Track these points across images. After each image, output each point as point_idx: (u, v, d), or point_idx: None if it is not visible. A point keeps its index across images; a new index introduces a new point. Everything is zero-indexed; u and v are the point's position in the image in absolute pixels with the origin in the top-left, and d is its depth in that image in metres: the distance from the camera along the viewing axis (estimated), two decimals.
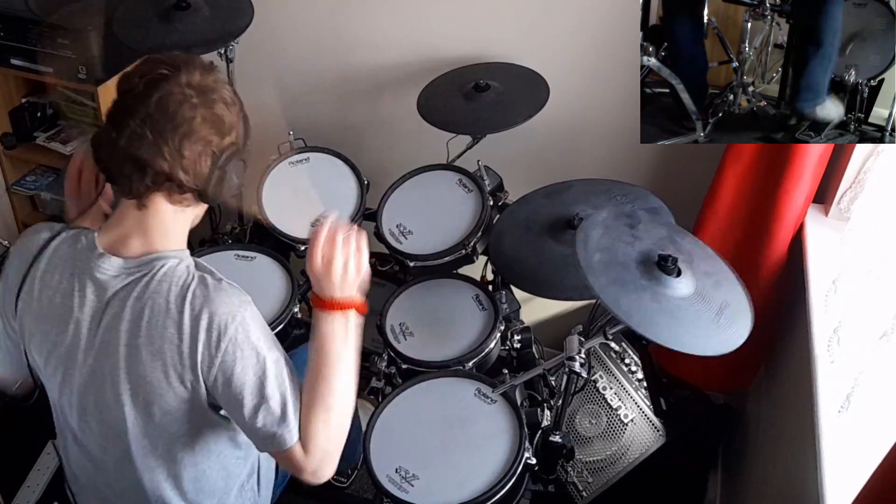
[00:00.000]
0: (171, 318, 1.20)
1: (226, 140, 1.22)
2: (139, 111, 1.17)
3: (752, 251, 1.85)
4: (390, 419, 1.63)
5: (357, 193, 2.03)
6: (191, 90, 1.18)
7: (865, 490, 1.08)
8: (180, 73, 1.18)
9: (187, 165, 1.19)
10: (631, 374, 2.13)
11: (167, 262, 1.23)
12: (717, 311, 1.34)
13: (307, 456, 1.23)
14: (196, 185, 1.22)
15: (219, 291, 1.22)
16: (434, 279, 1.94)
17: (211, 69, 1.24)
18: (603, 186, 1.80)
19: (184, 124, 1.17)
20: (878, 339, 1.45)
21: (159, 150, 1.17)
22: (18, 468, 2.15)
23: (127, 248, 1.24)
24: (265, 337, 1.24)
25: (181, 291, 1.21)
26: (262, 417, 1.20)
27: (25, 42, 2.22)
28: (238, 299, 1.23)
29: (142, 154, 1.17)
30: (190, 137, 1.18)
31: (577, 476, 2.10)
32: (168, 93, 1.17)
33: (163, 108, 1.16)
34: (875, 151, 1.71)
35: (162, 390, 1.23)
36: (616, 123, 2.12)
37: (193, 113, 1.18)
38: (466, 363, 1.74)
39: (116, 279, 1.23)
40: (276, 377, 1.22)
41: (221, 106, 1.21)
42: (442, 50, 2.17)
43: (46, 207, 2.68)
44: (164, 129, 1.17)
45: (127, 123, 1.17)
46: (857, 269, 1.65)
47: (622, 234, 1.45)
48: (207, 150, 1.20)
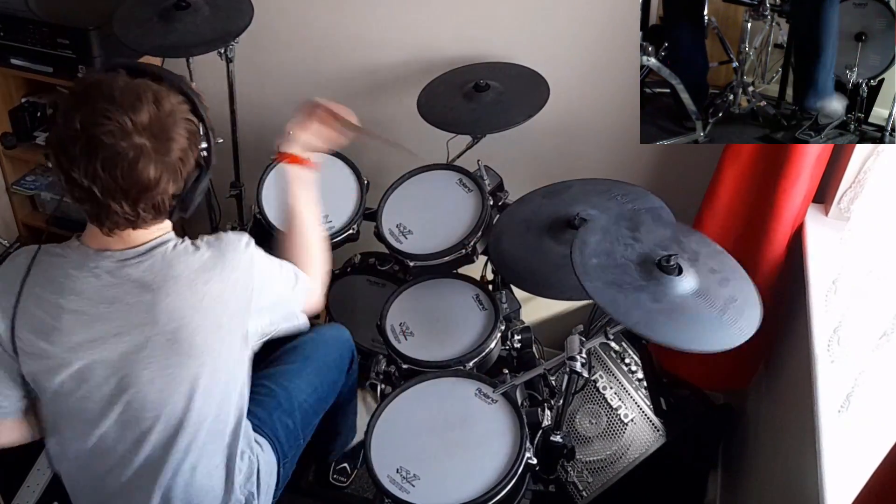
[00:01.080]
0: (203, 271, 1.24)
1: (185, 177, 1.20)
2: (83, 165, 1.11)
3: (751, 251, 1.85)
4: (391, 419, 1.63)
5: (357, 193, 2.04)
6: (141, 138, 1.11)
7: (865, 490, 1.08)
8: (126, 116, 1.09)
9: (146, 214, 1.19)
10: (631, 374, 2.13)
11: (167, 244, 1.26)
12: (722, 308, 1.34)
13: (319, 285, 1.51)
14: (161, 219, 1.24)
15: (217, 235, 1.31)
16: (434, 279, 1.94)
17: (161, 98, 1.14)
18: (603, 186, 1.80)
19: (138, 185, 1.13)
20: (878, 339, 1.45)
21: (112, 208, 1.15)
22: (18, 468, 2.15)
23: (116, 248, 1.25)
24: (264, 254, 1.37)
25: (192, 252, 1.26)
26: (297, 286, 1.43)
27: (25, 42, 2.22)
28: (235, 234, 1.32)
29: (94, 206, 1.15)
30: (146, 193, 1.15)
31: (577, 476, 2.10)
32: (115, 153, 1.09)
33: (111, 170, 1.10)
34: (875, 151, 1.71)
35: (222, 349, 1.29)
36: (616, 123, 2.12)
37: (148, 168, 1.12)
38: (467, 363, 1.74)
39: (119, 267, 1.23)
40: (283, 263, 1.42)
41: (178, 147, 1.16)
42: (442, 50, 2.17)
43: (46, 207, 2.68)
44: (115, 192, 1.13)
45: (75, 175, 1.11)
46: (857, 269, 1.65)
47: (622, 237, 1.45)
48: (166, 195, 1.19)
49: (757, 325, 1.32)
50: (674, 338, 1.30)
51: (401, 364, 1.78)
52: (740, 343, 1.30)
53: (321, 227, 1.59)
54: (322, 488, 2.19)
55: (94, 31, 2.16)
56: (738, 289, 1.39)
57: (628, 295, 1.34)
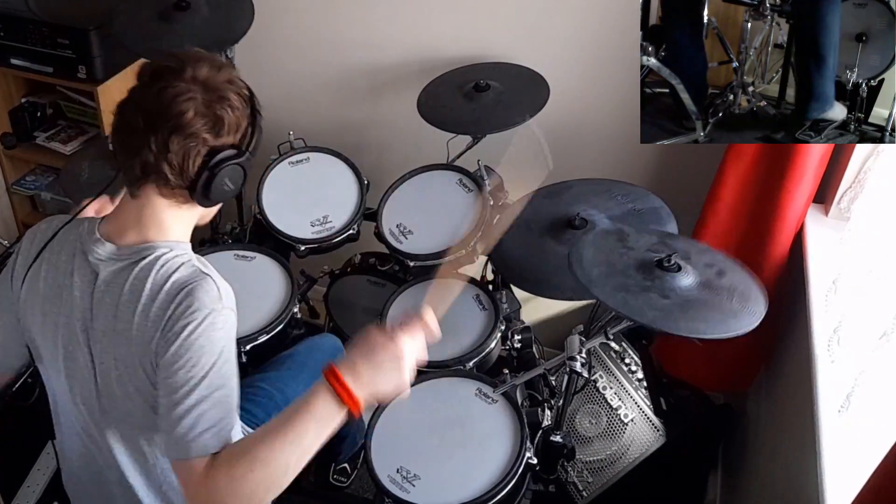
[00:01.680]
0: (146, 299, 1.17)
1: (222, 140, 1.19)
2: (138, 100, 1.17)
3: (752, 251, 1.85)
4: (391, 419, 1.63)
5: (357, 193, 2.04)
6: (195, 85, 1.16)
7: (866, 490, 1.08)
8: (187, 66, 1.17)
9: (172, 160, 1.16)
10: (631, 374, 2.13)
11: (156, 251, 1.21)
12: (728, 295, 1.36)
13: (203, 484, 1.08)
14: (183, 182, 1.19)
15: (204, 281, 1.17)
16: (434, 279, 1.94)
17: (224, 67, 1.21)
18: (603, 186, 1.80)
19: (175, 117, 1.14)
20: (878, 339, 1.45)
21: (146, 141, 1.15)
22: (18, 468, 2.15)
23: (123, 238, 1.23)
24: (219, 348, 1.14)
25: (164, 276, 1.18)
26: (173, 417, 1.11)
27: (25, 42, 2.22)
28: (216, 297, 1.17)
29: (133, 142, 1.16)
30: (179, 132, 1.15)
31: (577, 476, 2.10)
32: (168, 84, 1.15)
33: (159, 99, 1.15)
34: (875, 151, 1.71)
35: (136, 379, 1.20)
36: (616, 123, 2.12)
37: (188, 107, 1.15)
38: (467, 363, 1.74)
39: (106, 264, 1.22)
40: (202, 391, 1.11)
41: (223, 106, 1.18)
42: (442, 50, 2.17)
43: (46, 207, 2.68)
44: (155, 120, 1.15)
45: (127, 110, 1.17)
46: (857, 269, 1.65)
47: (614, 248, 1.48)
48: (198, 149, 1.17)
49: (765, 306, 1.34)
50: (695, 328, 1.31)
51: None
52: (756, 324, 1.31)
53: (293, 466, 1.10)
54: (322, 488, 2.18)
55: (94, 31, 2.16)
56: (736, 279, 1.41)
57: (637, 296, 1.36)
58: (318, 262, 2.06)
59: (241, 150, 1.22)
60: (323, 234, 1.96)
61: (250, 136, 1.24)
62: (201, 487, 1.08)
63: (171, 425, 1.11)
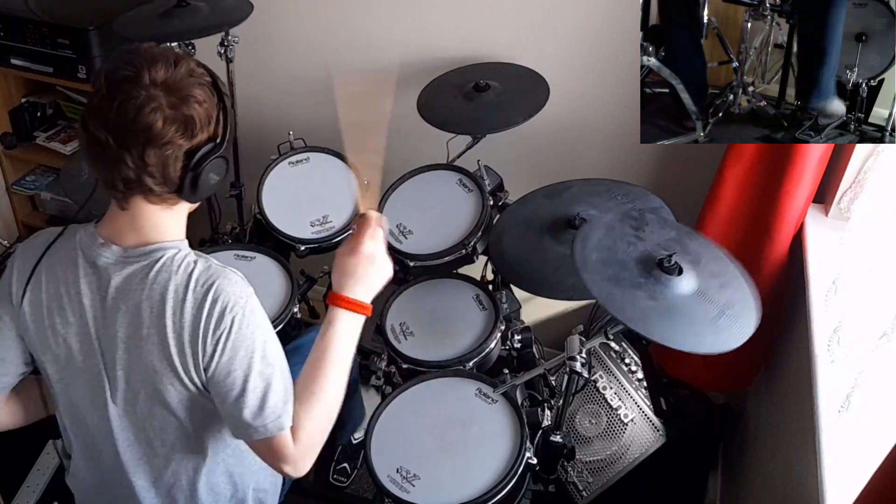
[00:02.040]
0: (174, 301, 1.19)
1: (197, 139, 1.17)
2: (101, 116, 1.13)
3: (752, 251, 1.85)
4: (391, 419, 1.63)
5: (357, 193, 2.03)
6: (156, 90, 1.13)
7: (866, 490, 1.08)
8: (143, 71, 1.13)
9: (153, 172, 1.15)
10: (631, 374, 2.14)
11: (167, 253, 1.22)
12: (719, 312, 1.34)
13: (295, 444, 1.21)
14: (168, 188, 1.18)
15: (225, 274, 1.22)
16: (434, 279, 1.94)
17: (180, 61, 1.17)
18: (603, 186, 1.80)
19: (145, 130, 1.12)
20: (878, 339, 1.45)
21: (121, 158, 1.13)
22: (18, 468, 2.15)
23: (123, 240, 1.23)
24: (264, 326, 1.24)
25: (185, 277, 1.20)
26: (243, 406, 1.19)
27: (25, 42, 2.23)
28: (244, 284, 1.23)
29: (108, 158, 1.14)
30: (153, 143, 1.13)
31: (577, 476, 2.10)
32: (128, 96, 1.12)
33: (123, 114, 1.12)
34: (875, 151, 1.71)
35: (166, 383, 1.22)
36: (616, 123, 2.12)
37: (155, 118, 1.12)
38: (467, 363, 1.74)
39: (116, 266, 1.22)
40: (263, 371, 1.20)
41: (190, 104, 1.15)
42: (442, 50, 2.16)
43: (46, 207, 2.68)
44: (125, 137, 1.12)
45: (92, 128, 1.14)
46: (857, 269, 1.65)
47: (626, 234, 1.46)
48: (176, 154, 1.16)
49: (750, 333, 1.32)
50: (667, 336, 1.30)
51: (401, 364, 1.78)
52: (730, 349, 1.30)
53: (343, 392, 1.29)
54: (322, 488, 2.19)
55: (94, 31, 2.16)
56: (737, 295, 1.39)
57: (625, 291, 1.35)
58: (318, 262, 2.06)
59: (218, 141, 1.21)
60: (323, 234, 1.96)
61: (223, 122, 1.22)
62: (297, 447, 1.21)
63: (248, 413, 1.19)
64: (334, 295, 1.30)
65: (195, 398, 1.25)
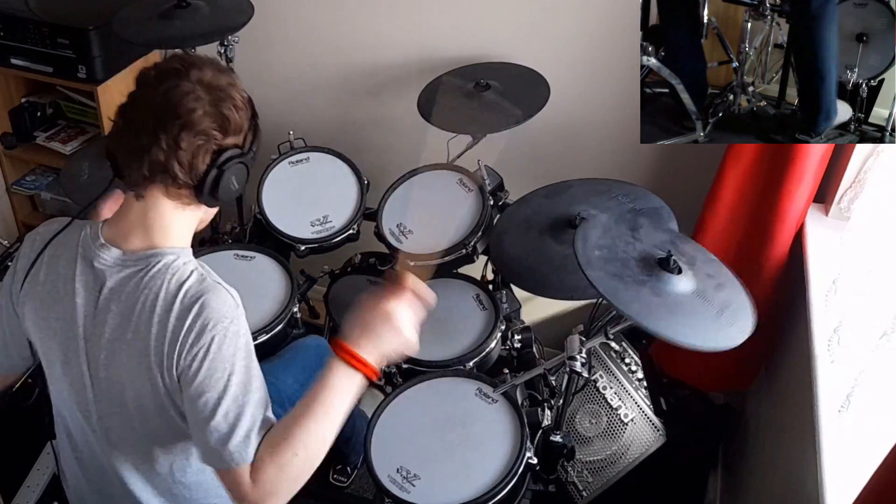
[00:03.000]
0: (161, 310, 1.18)
1: (228, 140, 1.21)
2: (146, 100, 1.18)
3: (753, 251, 1.85)
4: (391, 419, 1.63)
5: (357, 193, 2.04)
6: (200, 86, 1.19)
7: (866, 490, 1.08)
8: (192, 69, 1.19)
9: (183, 157, 1.17)
10: (631, 374, 2.14)
11: (164, 258, 1.22)
12: (719, 311, 1.34)
13: (254, 485, 1.13)
14: (191, 181, 1.20)
15: (217, 291, 1.20)
16: (434, 279, 1.94)
17: (225, 72, 1.24)
18: (603, 186, 1.80)
19: (185, 115, 1.16)
20: (879, 339, 1.45)
21: (157, 139, 1.16)
22: (18, 468, 2.15)
23: (128, 242, 1.23)
24: (245, 352, 1.19)
25: (176, 285, 1.19)
26: (210, 430, 1.14)
27: (25, 42, 2.22)
28: (233, 305, 1.20)
29: (140, 141, 1.16)
30: (189, 129, 1.17)
31: (577, 476, 2.10)
32: (175, 85, 1.17)
33: (167, 98, 1.17)
34: (875, 151, 1.71)
35: (143, 390, 1.21)
36: (616, 123, 2.12)
37: (196, 105, 1.17)
38: (467, 363, 1.74)
39: (113, 269, 1.22)
40: (237, 398, 1.15)
41: (228, 106, 1.20)
42: (442, 50, 2.17)
43: (46, 207, 2.68)
44: (165, 118, 1.16)
45: (133, 111, 1.19)
46: (857, 269, 1.65)
47: (623, 234, 1.46)
48: (207, 146, 1.19)
49: (748, 333, 1.33)
50: (674, 331, 1.30)
51: (401, 364, 1.78)
52: (733, 346, 1.30)
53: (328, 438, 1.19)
54: (322, 488, 2.19)
55: (94, 31, 2.16)
56: (733, 296, 1.39)
57: (629, 287, 1.35)
58: (318, 262, 2.06)
59: (245, 150, 1.25)
60: (323, 233, 1.96)
61: (252, 138, 1.27)
62: (254, 487, 1.13)
63: (214, 438, 1.14)
64: (336, 341, 1.21)
65: (174, 406, 1.23)
